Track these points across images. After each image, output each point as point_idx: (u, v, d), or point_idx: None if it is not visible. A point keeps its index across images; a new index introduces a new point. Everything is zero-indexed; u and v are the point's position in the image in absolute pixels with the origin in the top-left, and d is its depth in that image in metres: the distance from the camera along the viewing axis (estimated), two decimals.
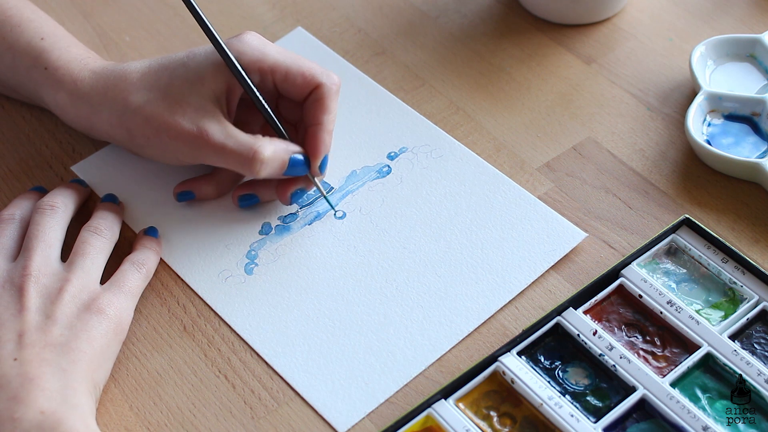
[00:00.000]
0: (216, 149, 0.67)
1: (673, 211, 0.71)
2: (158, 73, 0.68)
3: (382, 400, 0.63)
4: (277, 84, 0.70)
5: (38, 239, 0.65)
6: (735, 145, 0.73)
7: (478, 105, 0.78)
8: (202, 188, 0.72)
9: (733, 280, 0.66)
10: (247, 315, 0.67)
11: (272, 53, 0.69)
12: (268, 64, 0.69)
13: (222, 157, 0.67)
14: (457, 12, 0.85)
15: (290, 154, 0.68)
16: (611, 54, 0.82)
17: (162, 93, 0.68)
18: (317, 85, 0.69)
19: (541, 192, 0.73)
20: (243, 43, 0.68)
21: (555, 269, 0.68)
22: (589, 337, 0.64)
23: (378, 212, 0.72)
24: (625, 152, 0.75)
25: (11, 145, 0.77)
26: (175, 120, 0.67)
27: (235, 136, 0.67)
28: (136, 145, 0.70)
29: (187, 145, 0.67)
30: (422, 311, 0.66)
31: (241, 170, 0.68)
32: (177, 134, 0.67)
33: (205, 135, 0.66)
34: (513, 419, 0.61)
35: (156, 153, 0.70)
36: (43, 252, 0.64)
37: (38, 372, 0.58)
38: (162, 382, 0.64)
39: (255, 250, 0.70)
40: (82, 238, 0.66)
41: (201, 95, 0.67)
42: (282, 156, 0.68)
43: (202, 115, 0.67)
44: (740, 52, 0.78)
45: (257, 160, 0.66)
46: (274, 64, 0.69)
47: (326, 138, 0.69)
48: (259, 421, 0.62)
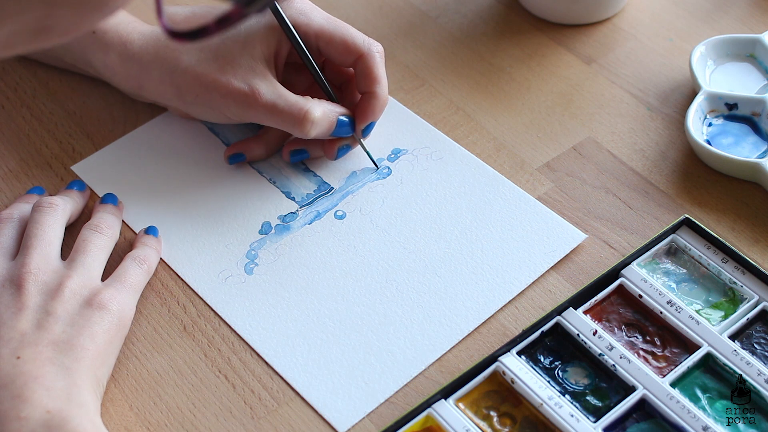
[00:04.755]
0: (267, 108, 0.68)
1: (673, 211, 0.71)
2: None
3: (382, 400, 0.63)
4: (321, 49, 0.72)
5: (37, 237, 0.65)
6: (735, 145, 0.73)
7: (478, 105, 0.78)
8: (252, 149, 0.74)
9: (733, 280, 0.66)
10: (247, 315, 0.67)
11: (318, 18, 0.71)
12: (313, 29, 0.71)
13: (272, 117, 0.69)
14: (457, 12, 0.85)
15: (337, 116, 0.70)
16: (611, 54, 0.82)
17: (213, 53, 0.69)
18: (360, 55, 0.71)
19: (541, 192, 0.73)
20: (291, 8, 0.71)
21: (555, 269, 0.68)
22: (589, 337, 0.64)
23: (378, 212, 0.72)
24: (625, 152, 0.75)
25: (11, 145, 0.77)
26: (227, 78, 0.68)
27: (285, 96, 0.69)
28: (185, 102, 0.71)
29: (238, 104, 0.69)
30: (422, 311, 0.66)
31: (291, 130, 0.69)
32: (227, 92, 0.69)
33: (256, 94, 0.68)
34: (513, 419, 0.61)
35: (204, 111, 0.72)
36: (42, 250, 0.64)
37: (42, 371, 0.58)
38: (162, 382, 0.64)
39: (255, 249, 0.70)
40: (83, 236, 0.66)
41: (251, 56, 0.69)
42: (330, 117, 0.70)
43: (252, 75, 0.69)
44: (740, 52, 0.78)
45: (308, 121, 0.68)
46: (320, 30, 0.71)
47: (377, 106, 0.72)
48: (259, 421, 0.62)
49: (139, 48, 0.72)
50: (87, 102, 0.79)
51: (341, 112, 0.71)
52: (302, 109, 0.68)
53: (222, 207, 0.73)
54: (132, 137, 0.77)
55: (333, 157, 0.73)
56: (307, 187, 0.74)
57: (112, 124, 0.78)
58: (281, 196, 0.73)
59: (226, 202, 0.73)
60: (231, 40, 0.69)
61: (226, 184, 0.74)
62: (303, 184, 0.74)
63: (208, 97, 0.70)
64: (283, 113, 0.69)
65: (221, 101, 0.69)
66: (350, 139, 0.73)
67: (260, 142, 0.74)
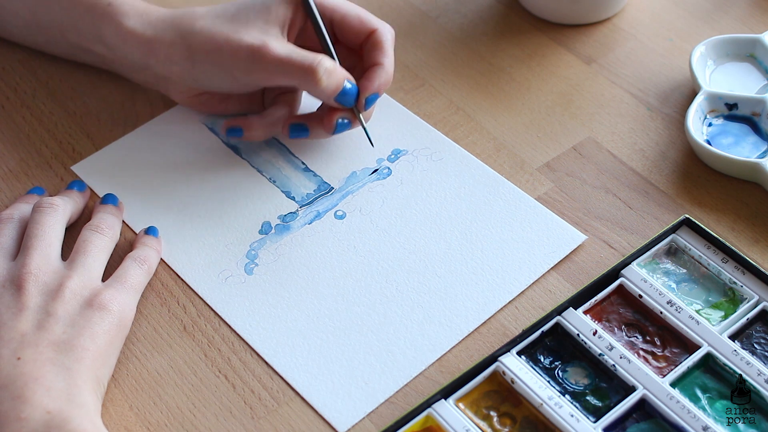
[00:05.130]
0: (278, 61, 0.69)
1: (673, 211, 0.71)
2: (225, 7, 0.72)
3: (382, 400, 0.63)
4: (334, 25, 0.73)
5: (38, 237, 0.65)
6: (735, 145, 0.73)
7: (478, 105, 0.78)
8: (252, 126, 0.74)
9: (733, 280, 0.66)
10: (247, 315, 0.67)
11: None
12: (328, 5, 0.72)
13: (284, 69, 0.69)
14: (457, 12, 0.85)
15: (345, 78, 0.71)
16: (611, 54, 0.82)
17: (229, 17, 0.71)
18: (372, 30, 0.72)
19: (541, 192, 0.73)
20: None
21: (555, 269, 0.68)
22: (589, 337, 0.64)
23: (378, 212, 0.72)
24: (625, 152, 0.75)
25: (11, 145, 0.77)
26: (239, 35, 0.70)
27: (297, 50, 0.70)
28: (193, 63, 0.72)
29: (248, 58, 0.69)
30: (422, 311, 0.66)
31: (303, 81, 0.70)
32: (239, 47, 0.69)
33: (268, 46, 0.69)
34: (513, 419, 0.61)
35: (212, 72, 0.72)
36: (42, 250, 0.64)
37: (42, 371, 0.58)
38: (162, 382, 0.64)
39: (255, 249, 0.70)
40: (84, 237, 0.66)
41: (266, 21, 0.71)
42: (341, 73, 0.70)
43: (265, 33, 0.70)
44: (740, 52, 0.78)
45: (321, 67, 0.69)
46: (334, 6, 0.72)
47: (382, 76, 0.72)
48: (259, 421, 0.62)
49: (156, 17, 0.73)
50: (87, 102, 0.79)
51: (348, 77, 0.71)
52: (315, 59, 0.69)
53: (222, 207, 0.73)
54: (132, 137, 0.77)
55: (331, 130, 0.72)
56: (307, 186, 0.74)
57: (112, 124, 0.78)
58: (281, 196, 0.73)
59: (226, 202, 0.73)
60: (248, 7, 0.71)
61: (226, 184, 0.74)
62: (303, 184, 0.74)
63: (219, 55, 0.70)
64: (294, 65, 0.69)
65: (231, 57, 0.70)
66: (350, 114, 0.72)
67: (262, 120, 0.74)
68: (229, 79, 0.72)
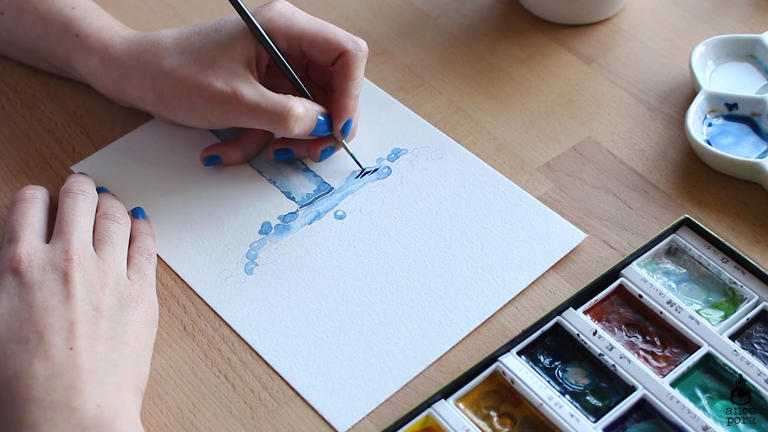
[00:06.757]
0: (250, 108, 0.68)
1: (673, 211, 0.71)
2: (190, 38, 0.70)
3: (382, 400, 0.63)
4: (304, 50, 0.71)
5: (74, 223, 0.65)
6: (735, 145, 0.73)
7: (478, 105, 0.78)
8: (230, 153, 0.74)
9: (733, 280, 0.66)
10: (247, 315, 0.67)
11: (300, 20, 0.71)
12: (295, 31, 0.71)
13: (255, 116, 0.69)
14: (457, 12, 0.85)
15: (317, 114, 0.71)
16: (611, 54, 0.82)
17: (194, 57, 0.69)
18: (342, 51, 0.71)
19: (541, 192, 0.73)
20: (272, 11, 0.71)
21: (555, 269, 0.68)
22: (589, 337, 0.64)
23: (378, 212, 0.72)
24: (625, 152, 0.75)
25: (11, 145, 0.77)
26: (208, 81, 0.68)
27: (268, 95, 0.69)
28: (167, 107, 0.71)
29: (220, 106, 0.69)
30: (422, 311, 0.66)
31: (275, 128, 0.70)
32: (210, 95, 0.69)
33: (238, 95, 0.68)
34: (513, 419, 0.61)
35: (187, 115, 0.71)
36: (80, 236, 0.65)
37: (95, 365, 0.58)
38: (162, 382, 0.64)
39: (255, 249, 0.70)
40: (105, 227, 0.67)
41: (232, 59, 0.69)
42: (312, 115, 0.70)
43: (234, 77, 0.69)
44: (740, 52, 0.78)
45: (291, 117, 0.69)
46: (301, 31, 0.71)
47: (350, 103, 0.71)
48: (259, 421, 0.62)
49: (120, 52, 0.72)
50: (87, 102, 0.79)
51: (320, 111, 0.71)
52: (285, 107, 0.68)
53: (222, 207, 0.73)
54: (132, 137, 0.77)
55: (317, 159, 0.73)
56: (307, 187, 0.74)
57: (112, 124, 0.78)
58: (281, 196, 0.73)
59: (226, 202, 0.73)
60: (212, 44, 0.69)
61: (226, 184, 0.74)
62: (303, 184, 0.74)
63: (191, 101, 0.69)
64: (266, 112, 0.69)
65: (203, 105, 0.69)
66: (334, 141, 0.73)
67: (238, 145, 0.74)
68: (205, 121, 0.72)
